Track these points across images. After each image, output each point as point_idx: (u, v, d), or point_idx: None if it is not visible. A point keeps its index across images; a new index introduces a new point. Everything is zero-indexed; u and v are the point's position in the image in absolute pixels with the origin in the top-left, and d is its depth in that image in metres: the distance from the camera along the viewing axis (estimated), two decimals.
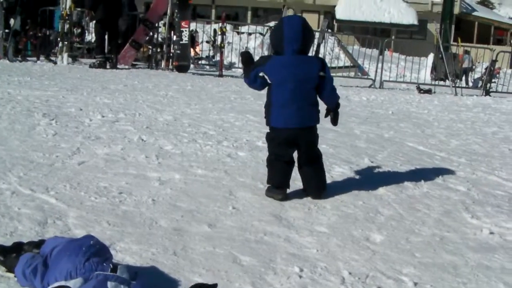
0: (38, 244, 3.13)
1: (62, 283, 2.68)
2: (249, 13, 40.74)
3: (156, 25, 15.24)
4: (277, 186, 4.67)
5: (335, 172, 5.44)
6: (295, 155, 4.78)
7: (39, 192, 4.30)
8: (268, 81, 4.63)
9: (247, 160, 5.71)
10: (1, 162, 4.95)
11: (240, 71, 17.32)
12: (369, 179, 5.40)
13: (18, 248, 3.13)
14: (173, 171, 5.16)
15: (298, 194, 4.74)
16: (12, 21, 14.67)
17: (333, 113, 4.82)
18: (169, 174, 5.05)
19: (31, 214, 3.84)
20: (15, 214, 3.82)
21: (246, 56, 4.79)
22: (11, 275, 3.00)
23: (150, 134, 6.47)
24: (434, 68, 21.65)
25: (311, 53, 4.74)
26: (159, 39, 15.42)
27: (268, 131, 4.74)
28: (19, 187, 4.36)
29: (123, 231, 3.72)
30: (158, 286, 3.06)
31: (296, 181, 4.95)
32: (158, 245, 3.56)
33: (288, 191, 4.71)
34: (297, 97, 4.53)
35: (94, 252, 2.83)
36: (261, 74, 4.62)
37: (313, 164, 4.73)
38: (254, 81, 4.69)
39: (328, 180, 4.96)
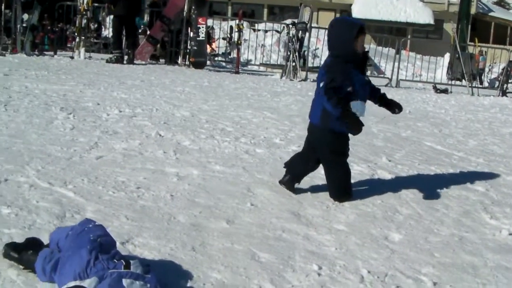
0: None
1: (78, 282, 2.67)
2: (265, 11, 40.66)
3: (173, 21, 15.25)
4: (351, 194, 4.62)
5: (353, 170, 5.37)
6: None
7: (57, 185, 4.31)
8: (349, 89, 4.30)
9: (265, 157, 5.70)
10: (19, 155, 4.98)
11: (255, 68, 17.35)
12: (387, 178, 5.37)
13: (32, 243, 3.11)
14: (191, 166, 5.15)
15: (316, 192, 4.72)
16: (25, 16, 14.70)
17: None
18: (187, 170, 5.04)
19: (49, 208, 3.85)
20: (33, 207, 3.83)
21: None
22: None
23: (167, 129, 6.47)
24: (450, 68, 21.52)
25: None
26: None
27: (331, 135, 4.47)
28: (37, 181, 4.37)
29: (141, 226, 3.72)
30: (176, 281, 3.06)
31: (314, 179, 4.94)
32: (176, 240, 3.56)
33: (307, 189, 4.71)
34: None
35: (100, 250, 2.80)
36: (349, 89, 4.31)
37: None
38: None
39: None
